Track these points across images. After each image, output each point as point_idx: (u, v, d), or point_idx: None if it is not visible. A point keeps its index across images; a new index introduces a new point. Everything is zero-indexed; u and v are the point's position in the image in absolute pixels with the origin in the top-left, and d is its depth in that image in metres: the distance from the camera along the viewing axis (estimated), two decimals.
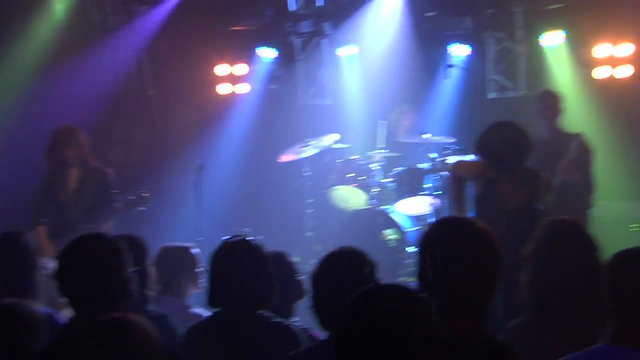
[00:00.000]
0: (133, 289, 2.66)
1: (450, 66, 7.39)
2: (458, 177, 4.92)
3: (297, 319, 3.46)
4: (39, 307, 2.96)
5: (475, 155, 4.75)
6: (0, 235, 3.62)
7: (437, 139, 7.13)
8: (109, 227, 5.61)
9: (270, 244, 3.30)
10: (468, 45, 7.93)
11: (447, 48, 7.91)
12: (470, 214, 4.70)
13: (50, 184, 5.78)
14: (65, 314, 3.16)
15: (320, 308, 2.73)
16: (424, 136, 7.07)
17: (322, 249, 7.51)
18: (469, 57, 7.95)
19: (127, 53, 8.18)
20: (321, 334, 2.92)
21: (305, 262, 7.30)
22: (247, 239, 3.08)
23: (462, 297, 2.07)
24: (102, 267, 2.57)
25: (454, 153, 6.72)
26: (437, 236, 2.17)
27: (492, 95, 8.09)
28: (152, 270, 3.43)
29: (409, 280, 6.12)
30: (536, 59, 7.84)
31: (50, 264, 3.38)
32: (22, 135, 7.37)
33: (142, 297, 3.18)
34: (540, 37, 7.75)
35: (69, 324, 2.64)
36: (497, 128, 4.62)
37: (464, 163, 5.17)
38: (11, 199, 7.06)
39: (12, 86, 7.49)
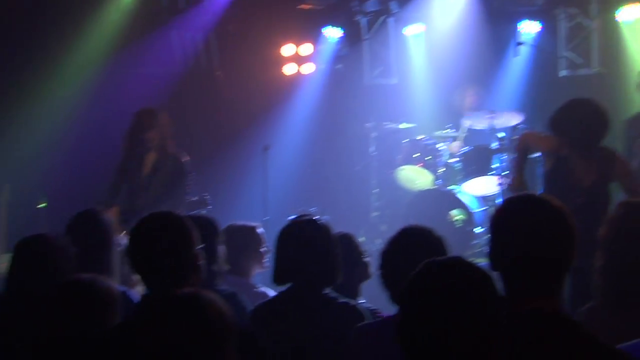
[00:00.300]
0: (202, 266, 2.71)
1: (520, 44, 7.22)
2: (525, 147, 4.84)
3: (363, 300, 3.47)
4: (114, 283, 3.05)
5: (550, 131, 4.65)
6: (78, 213, 3.73)
7: (504, 116, 6.97)
8: None
9: (336, 224, 3.31)
10: (538, 22, 7.72)
11: (517, 25, 7.72)
12: (538, 190, 4.63)
13: (126, 167, 5.77)
14: (139, 290, 3.24)
15: (390, 283, 2.72)
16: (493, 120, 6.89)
17: (387, 229, 7.51)
18: (540, 33, 7.74)
19: (195, 34, 8.29)
20: (390, 313, 2.92)
21: (371, 242, 7.32)
22: (313, 218, 3.09)
23: (536, 274, 2.02)
24: (171, 244, 2.62)
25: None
26: (510, 213, 2.12)
27: (563, 73, 7.86)
28: (221, 249, 3.48)
29: (477, 261, 6.05)
30: (610, 35, 7.57)
31: (123, 242, 3.47)
32: (94, 117, 7.58)
33: (210, 274, 3.23)
34: (616, 12, 7.47)
35: (143, 300, 2.70)
36: (574, 105, 4.51)
37: (535, 135, 5.05)
38: (83, 180, 7.28)
39: (84, 69, 7.69)
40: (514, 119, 6.88)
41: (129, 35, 7.68)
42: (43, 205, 6.62)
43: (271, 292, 3.88)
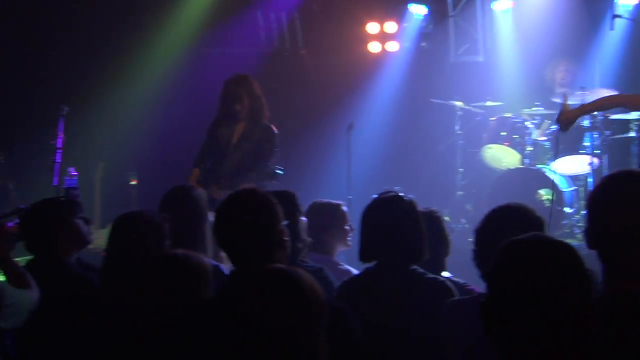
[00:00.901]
0: (288, 242, 2.73)
1: (617, 16, 6.91)
2: (617, 103, 4.65)
3: (449, 274, 3.44)
4: (206, 258, 3.12)
5: None
6: (173, 189, 3.83)
7: (596, 93, 6.75)
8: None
9: (420, 202, 3.28)
10: None
11: None
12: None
13: (215, 133, 5.73)
14: (228, 266, 3.31)
15: (483, 262, 2.68)
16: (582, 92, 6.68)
17: (472, 209, 7.40)
18: (638, 5, 7.39)
19: (280, 14, 8.33)
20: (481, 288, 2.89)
21: (456, 221, 7.22)
22: (399, 194, 3.08)
23: (636, 254, 1.94)
24: (257, 221, 2.65)
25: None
26: (610, 188, 2.03)
27: None
28: (303, 224, 3.51)
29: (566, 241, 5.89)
30: None
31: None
32: (182, 96, 7.77)
33: (294, 250, 3.26)
34: None
35: (232, 276, 2.75)
36: None
37: None
38: (172, 158, 7.47)
39: (172, 50, 7.88)
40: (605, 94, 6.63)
41: (216, 16, 7.81)
42: (134, 182, 6.85)
43: (354, 271, 3.89)
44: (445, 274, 3.42)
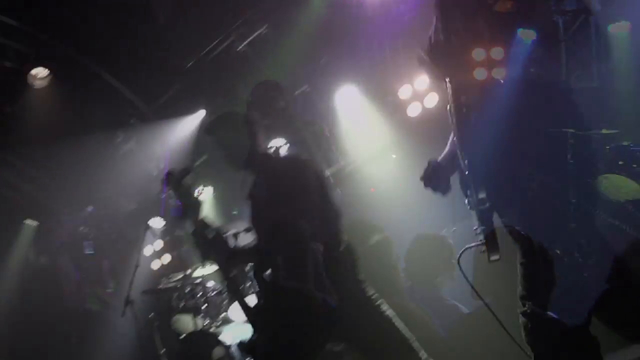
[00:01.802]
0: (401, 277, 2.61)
1: None
2: None
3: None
4: (315, 292, 3.04)
5: None
6: (275, 222, 3.79)
7: None
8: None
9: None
10: None
11: None
12: None
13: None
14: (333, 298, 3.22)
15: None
16: None
17: (585, 243, 6.98)
18: None
19: (382, 41, 8.28)
20: None
21: (568, 255, 6.82)
22: (515, 228, 2.88)
23: None
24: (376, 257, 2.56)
25: None
26: None
27: None
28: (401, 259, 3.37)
29: None
30: None
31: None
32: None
33: None
34: None
35: (337, 307, 2.65)
36: None
37: None
38: None
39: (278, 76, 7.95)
40: None
41: (319, 43, 7.84)
42: (235, 212, 6.90)
43: (462, 307, 3.69)
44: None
